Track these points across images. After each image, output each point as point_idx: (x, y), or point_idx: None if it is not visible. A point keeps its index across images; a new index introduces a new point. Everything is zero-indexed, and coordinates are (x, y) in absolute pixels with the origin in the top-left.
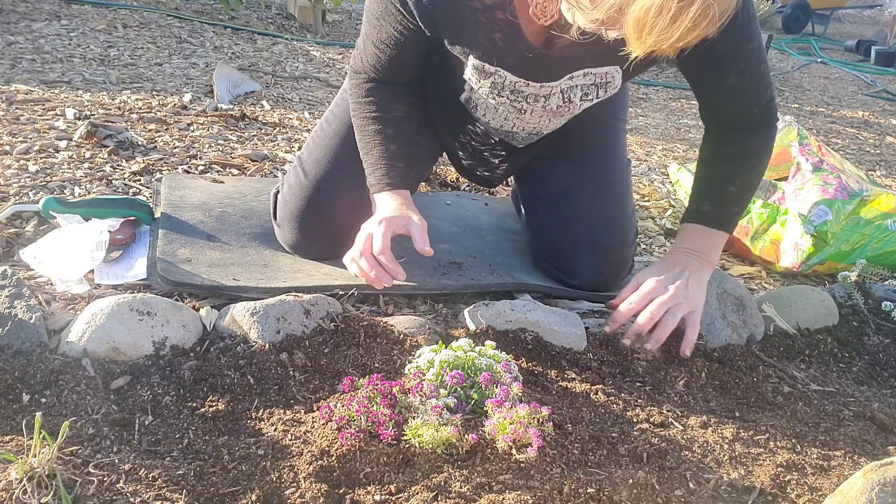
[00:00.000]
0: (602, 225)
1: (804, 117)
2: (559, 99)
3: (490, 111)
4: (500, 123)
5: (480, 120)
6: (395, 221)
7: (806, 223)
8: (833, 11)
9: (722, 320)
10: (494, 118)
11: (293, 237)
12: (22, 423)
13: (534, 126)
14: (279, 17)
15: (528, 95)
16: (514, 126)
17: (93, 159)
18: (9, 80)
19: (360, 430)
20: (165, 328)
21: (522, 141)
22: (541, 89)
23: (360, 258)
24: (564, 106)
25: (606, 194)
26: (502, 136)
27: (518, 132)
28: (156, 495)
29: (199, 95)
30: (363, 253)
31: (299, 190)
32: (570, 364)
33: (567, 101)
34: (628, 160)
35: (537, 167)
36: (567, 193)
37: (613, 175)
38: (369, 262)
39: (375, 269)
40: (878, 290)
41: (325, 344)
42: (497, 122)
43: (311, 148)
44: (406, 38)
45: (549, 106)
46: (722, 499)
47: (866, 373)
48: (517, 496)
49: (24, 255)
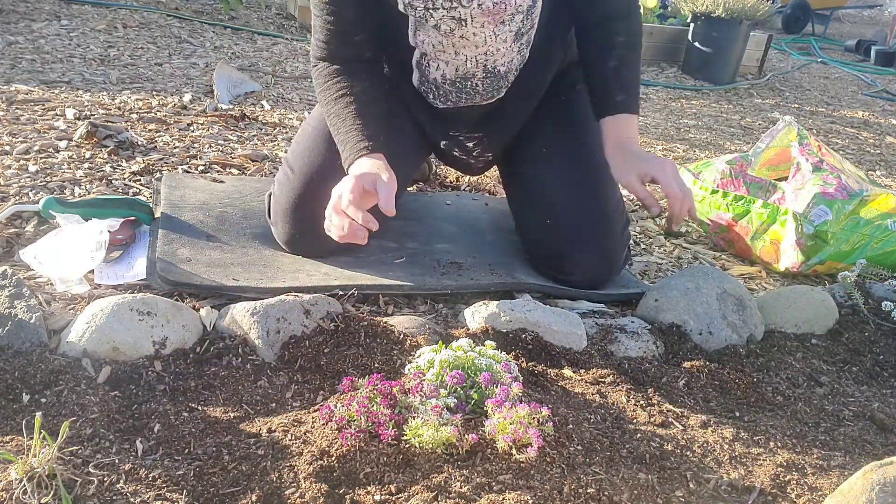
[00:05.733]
0: (588, 222)
1: (804, 117)
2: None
3: (438, 52)
4: (454, 67)
5: (436, 82)
6: (364, 178)
7: (806, 223)
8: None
9: (722, 320)
10: (447, 61)
11: (287, 232)
12: (22, 423)
13: (482, 51)
14: (279, 17)
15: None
16: (464, 59)
17: (93, 159)
18: (9, 80)
19: (360, 430)
20: (165, 328)
21: (484, 91)
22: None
23: (331, 215)
24: (501, 3)
25: (593, 191)
26: (463, 95)
27: (474, 73)
28: (156, 495)
29: (199, 95)
30: (333, 209)
31: (287, 185)
32: (570, 364)
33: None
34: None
35: (522, 171)
36: (550, 195)
37: (595, 169)
38: (340, 217)
39: (347, 223)
40: (878, 290)
41: (325, 344)
42: (451, 68)
43: (294, 147)
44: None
45: (486, 4)
46: (722, 499)
47: (866, 373)
48: (517, 496)
49: (24, 255)
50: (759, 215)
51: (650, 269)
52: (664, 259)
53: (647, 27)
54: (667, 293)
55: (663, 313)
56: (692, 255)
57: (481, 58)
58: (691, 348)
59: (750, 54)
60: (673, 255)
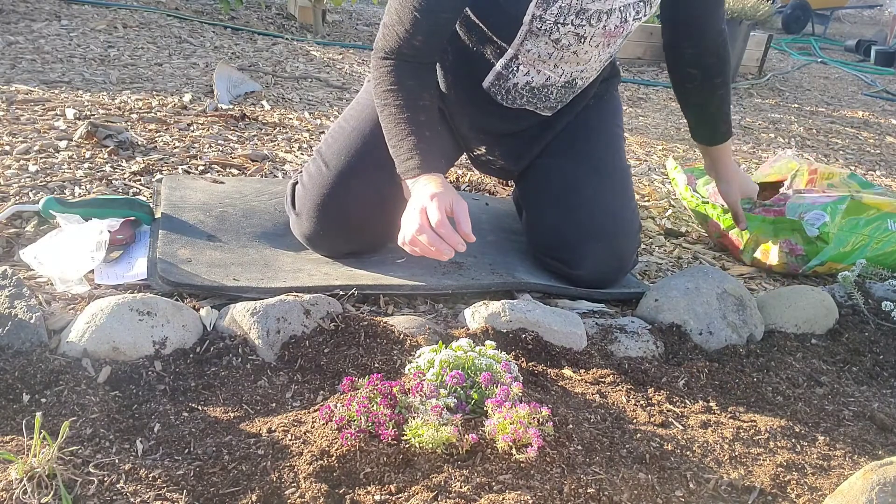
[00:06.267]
0: (605, 215)
1: (804, 117)
2: (618, 18)
3: (539, 61)
4: (544, 76)
5: (515, 87)
6: (446, 198)
7: (807, 226)
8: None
9: (722, 320)
10: (540, 70)
11: (311, 227)
12: (22, 423)
13: (580, 68)
14: (279, 17)
15: (592, 14)
16: (560, 72)
17: (93, 159)
18: (9, 80)
19: (360, 430)
20: (165, 328)
21: (554, 101)
22: (604, 4)
23: (421, 234)
24: (621, 26)
25: (610, 189)
26: (535, 100)
27: (557, 83)
28: (156, 495)
29: (199, 95)
30: (422, 228)
31: (320, 180)
32: (570, 364)
33: (623, 21)
34: (628, 165)
35: (540, 164)
36: (571, 186)
37: (616, 173)
38: (430, 236)
39: (437, 242)
40: (878, 290)
41: (325, 344)
42: (541, 77)
43: (331, 142)
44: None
45: (609, 26)
46: (722, 499)
47: (866, 373)
48: (517, 496)
49: (24, 255)
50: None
51: (650, 269)
52: (664, 259)
53: (648, 27)
54: (667, 293)
55: (663, 313)
56: (692, 255)
57: (576, 73)
58: (691, 348)
59: (750, 54)
60: (673, 255)
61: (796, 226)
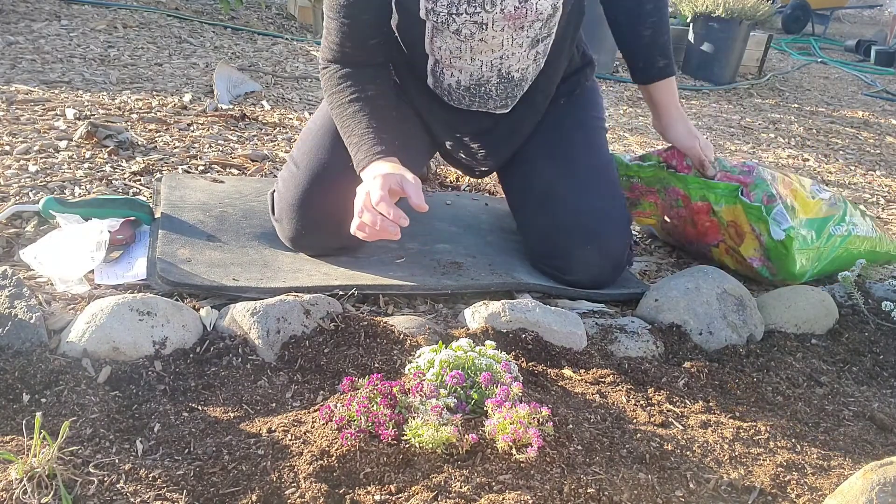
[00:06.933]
0: (590, 216)
1: (804, 117)
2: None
3: (455, 59)
4: (468, 73)
5: (450, 88)
6: (390, 178)
7: (773, 225)
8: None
9: (722, 320)
10: (461, 68)
11: (292, 228)
12: (22, 423)
13: (498, 55)
14: (279, 17)
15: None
16: (480, 64)
17: (93, 159)
18: (9, 80)
19: (360, 430)
20: (165, 328)
21: (498, 97)
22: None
23: (363, 214)
24: (522, 6)
25: (591, 187)
26: (476, 99)
27: (489, 78)
28: (156, 495)
29: (199, 95)
30: (364, 207)
31: (293, 181)
32: (570, 364)
33: (523, 2)
34: (611, 156)
35: (521, 171)
36: (552, 190)
37: (596, 169)
38: (372, 214)
39: (379, 220)
40: (878, 290)
41: (325, 344)
42: (465, 75)
43: (300, 144)
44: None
45: (507, 9)
46: (722, 499)
47: (866, 373)
48: (517, 496)
49: (24, 255)
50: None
51: (650, 269)
52: (664, 259)
53: None
54: (667, 293)
55: (663, 313)
56: (692, 255)
57: (496, 62)
58: (691, 348)
59: (750, 54)
60: (673, 255)
61: (763, 218)
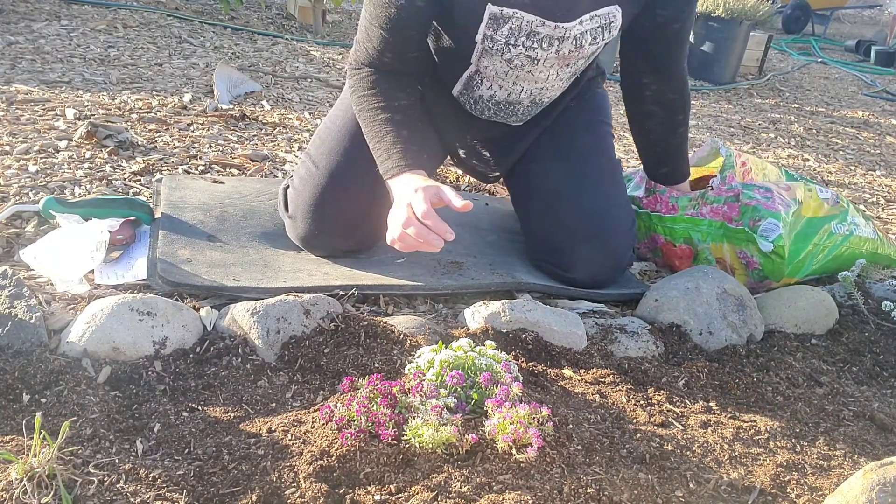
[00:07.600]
0: (593, 215)
1: (804, 117)
2: (572, 44)
3: (498, 78)
4: (506, 92)
5: (480, 98)
6: (429, 190)
7: (761, 239)
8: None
9: (722, 320)
10: (502, 86)
11: (306, 228)
12: (22, 423)
13: (539, 87)
14: (279, 17)
15: (544, 38)
16: (520, 90)
17: (93, 159)
18: (9, 81)
19: (360, 430)
20: (165, 328)
21: (521, 115)
22: (555, 30)
23: (408, 227)
24: (576, 51)
25: (596, 187)
26: (501, 114)
27: (521, 100)
28: (156, 495)
29: (199, 95)
30: (409, 221)
31: (311, 180)
32: (570, 364)
33: (578, 47)
34: (618, 159)
35: (527, 170)
36: (557, 190)
37: (602, 170)
38: (418, 228)
39: (425, 233)
40: (878, 290)
41: (325, 344)
42: (503, 92)
43: (318, 143)
44: (414, 7)
45: (562, 51)
46: (722, 499)
47: (866, 373)
48: (517, 496)
49: (24, 255)
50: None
51: (650, 269)
52: None
53: None
54: (667, 293)
55: (663, 313)
56: None
57: (535, 91)
58: (691, 348)
59: (750, 54)
60: None
61: (750, 238)
